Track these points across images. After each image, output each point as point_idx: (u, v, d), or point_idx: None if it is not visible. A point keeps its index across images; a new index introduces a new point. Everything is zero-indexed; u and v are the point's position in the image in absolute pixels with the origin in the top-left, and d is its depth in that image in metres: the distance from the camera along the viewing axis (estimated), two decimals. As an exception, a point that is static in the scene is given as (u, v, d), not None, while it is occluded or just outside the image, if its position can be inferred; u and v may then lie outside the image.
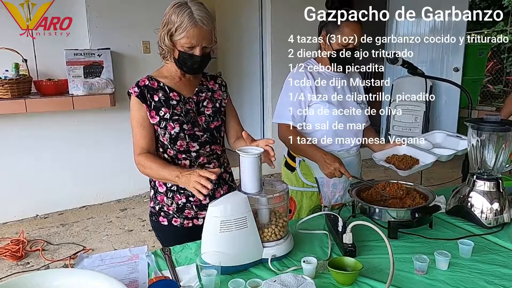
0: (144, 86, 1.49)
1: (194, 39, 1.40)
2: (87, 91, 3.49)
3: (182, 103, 1.50)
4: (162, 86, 1.50)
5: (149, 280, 1.20)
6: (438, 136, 1.93)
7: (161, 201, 1.57)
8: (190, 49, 1.42)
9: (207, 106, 1.55)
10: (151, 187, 1.61)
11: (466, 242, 1.34)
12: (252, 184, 1.27)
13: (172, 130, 1.47)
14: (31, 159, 3.69)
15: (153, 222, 1.61)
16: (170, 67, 1.54)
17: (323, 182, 1.82)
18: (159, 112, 1.47)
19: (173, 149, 1.50)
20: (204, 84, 1.58)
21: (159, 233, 1.63)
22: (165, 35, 1.42)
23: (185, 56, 1.43)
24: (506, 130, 1.52)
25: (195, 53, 1.42)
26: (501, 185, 1.56)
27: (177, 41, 1.42)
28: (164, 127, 1.47)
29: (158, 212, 1.58)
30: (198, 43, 1.41)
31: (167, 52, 1.46)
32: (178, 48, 1.43)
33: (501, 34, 7.03)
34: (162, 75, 1.54)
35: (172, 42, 1.43)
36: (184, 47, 1.42)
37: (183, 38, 1.40)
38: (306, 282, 1.12)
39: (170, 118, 1.47)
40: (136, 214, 3.84)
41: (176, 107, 1.49)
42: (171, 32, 1.41)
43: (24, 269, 2.85)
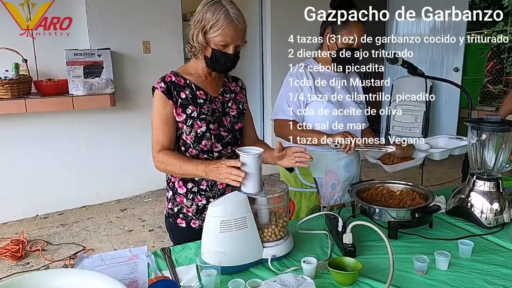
0: (171, 82, 1.46)
1: (229, 37, 1.39)
2: (87, 91, 3.49)
3: (209, 102, 1.50)
4: (188, 83, 1.49)
5: (149, 280, 1.20)
6: (441, 140, 1.94)
7: (180, 203, 1.54)
8: (223, 47, 1.41)
9: (231, 107, 1.55)
10: (169, 188, 1.58)
11: (466, 242, 1.34)
12: (252, 184, 1.28)
13: (199, 129, 1.46)
14: (31, 159, 3.69)
15: (170, 224, 1.59)
16: (196, 65, 1.52)
17: (321, 183, 1.83)
18: (186, 110, 1.46)
19: (196, 148, 1.48)
20: (227, 86, 1.58)
21: (176, 235, 1.59)
22: (198, 32, 1.41)
23: (218, 54, 1.42)
24: (506, 130, 1.52)
25: (228, 51, 1.42)
26: (501, 185, 1.56)
27: (211, 39, 1.41)
28: (190, 125, 1.46)
29: (177, 214, 1.55)
30: (233, 41, 1.41)
31: (198, 49, 1.45)
32: (211, 46, 1.42)
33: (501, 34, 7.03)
34: (188, 72, 1.52)
35: (205, 39, 1.41)
36: (218, 45, 1.41)
37: (218, 36, 1.39)
38: (306, 282, 1.12)
39: (197, 117, 1.46)
40: (136, 214, 3.84)
41: (203, 105, 1.48)
42: (205, 29, 1.40)
43: (24, 269, 2.85)
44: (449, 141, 1.92)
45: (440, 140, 1.94)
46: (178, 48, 4.18)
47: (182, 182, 1.52)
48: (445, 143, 1.91)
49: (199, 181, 1.51)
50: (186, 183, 1.52)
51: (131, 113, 4.04)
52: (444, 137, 1.94)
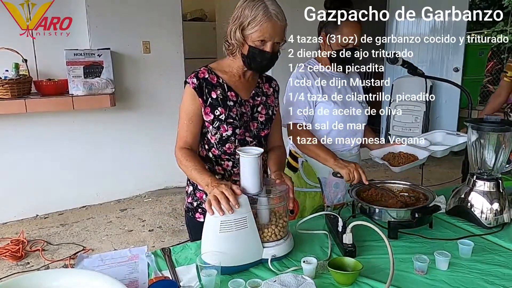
0: (203, 79, 1.43)
1: (267, 34, 1.36)
2: (87, 91, 3.49)
3: (239, 105, 1.47)
4: (221, 83, 1.46)
5: (149, 280, 1.20)
6: (438, 135, 1.94)
7: (199, 198, 1.54)
8: (261, 44, 1.38)
9: (261, 112, 1.53)
10: (189, 184, 1.58)
11: (466, 242, 1.34)
12: (252, 184, 1.27)
13: (224, 133, 1.44)
14: (31, 159, 3.68)
15: (188, 218, 1.59)
16: (232, 63, 1.49)
17: (325, 182, 1.82)
18: (214, 111, 1.43)
19: (219, 149, 1.48)
20: (260, 87, 1.55)
21: (192, 229, 1.58)
22: (236, 28, 1.39)
23: (255, 52, 1.39)
24: (506, 130, 1.52)
25: (265, 48, 1.39)
26: (501, 185, 1.56)
27: (249, 35, 1.38)
28: (217, 127, 1.44)
29: (196, 208, 1.56)
30: (271, 38, 1.37)
31: (235, 47, 1.42)
32: (249, 42, 1.39)
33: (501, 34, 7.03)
34: (222, 70, 1.49)
35: (243, 36, 1.39)
36: (256, 42, 1.38)
37: (256, 32, 1.36)
38: (306, 282, 1.12)
39: (224, 120, 1.44)
40: (136, 214, 3.84)
41: (232, 108, 1.45)
42: (243, 26, 1.37)
43: (24, 269, 2.85)
44: (447, 136, 1.92)
45: (437, 135, 1.94)
46: (178, 48, 4.18)
47: None
48: (442, 138, 1.91)
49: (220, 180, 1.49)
50: None
51: (131, 113, 4.04)
52: (441, 132, 1.95)
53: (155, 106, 4.11)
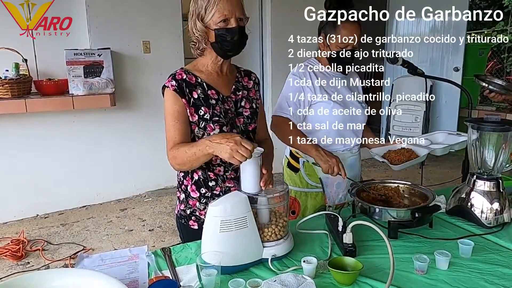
0: (182, 80, 1.40)
1: (226, 10, 1.34)
2: (87, 91, 3.50)
3: (221, 102, 1.45)
4: (200, 82, 1.43)
5: (149, 280, 1.20)
6: (440, 136, 1.94)
7: (193, 206, 1.51)
8: (225, 23, 1.35)
9: (245, 107, 1.51)
10: (181, 190, 1.54)
11: (466, 242, 1.34)
12: (252, 184, 1.28)
13: (212, 132, 1.41)
14: (31, 159, 3.69)
15: (181, 225, 1.56)
16: (205, 61, 1.46)
17: (327, 183, 1.82)
18: (198, 111, 1.41)
19: None
20: (239, 81, 1.54)
21: (186, 236, 1.55)
22: (195, 21, 1.37)
23: (222, 33, 1.36)
24: (506, 130, 1.52)
25: (230, 25, 1.36)
26: (501, 185, 1.56)
27: (210, 21, 1.36)
28: (203, 127, 1.41)
29: (189, 216, 1.52)
30: (231, 13, 1.35)
31: (201, 40, 1.39)
32: (213, 27, 1.36)
33: (501, 34, 7.02)
34: (198, 69, 1.46)
35: (204, 24, 1.37)
36: (219, 24, 1.35)
37: (216, 14, 1.34)
38: (306, 282, 1.12)
39: (210, 119, 1.41)
40: (136, 214, 3.84)
41: (215, 106, 1.42)
42: (201, 15, 1.36)
43: (24, 269, 2.85)
44: (448, 136, 1.92)
45: (439, 135, 1.95)
46: (178, 48, 4.18)
47: (195, 187, 1.49)
48: (444, 139, 1.91)
49: (213, 187, 1.48)
50: (199, 188, 1.48)
51: (131, 113, 4.05)
52: (443, 133, 1.95)
53: (155, 106, 4.10)
